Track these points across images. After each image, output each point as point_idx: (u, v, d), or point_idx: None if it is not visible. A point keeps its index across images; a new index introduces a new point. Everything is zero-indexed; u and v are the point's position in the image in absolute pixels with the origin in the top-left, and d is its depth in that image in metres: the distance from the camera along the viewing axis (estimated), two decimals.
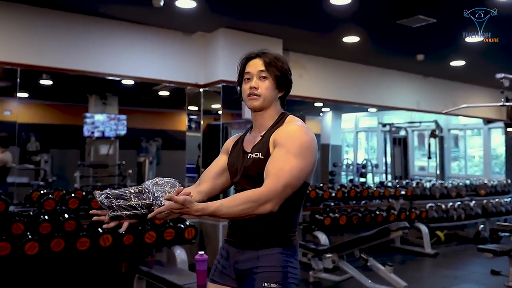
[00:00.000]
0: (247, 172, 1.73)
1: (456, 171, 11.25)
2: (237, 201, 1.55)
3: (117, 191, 1.59)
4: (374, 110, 9.77)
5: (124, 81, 5.96)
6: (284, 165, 1.59)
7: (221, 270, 1.79)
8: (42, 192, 4.46)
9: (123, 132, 8.78)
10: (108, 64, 5.23)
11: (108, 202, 1.58)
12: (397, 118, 10.36)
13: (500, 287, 4.93)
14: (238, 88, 1.85)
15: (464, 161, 11.30)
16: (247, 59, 1.81)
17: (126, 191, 1.59)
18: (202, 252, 3.11)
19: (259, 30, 5.57)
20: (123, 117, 8.83)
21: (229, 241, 1.79)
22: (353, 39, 5.85)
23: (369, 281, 4.49)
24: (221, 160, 1.91)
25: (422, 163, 11.58)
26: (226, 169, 1.87)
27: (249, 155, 1.74)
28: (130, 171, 8.52)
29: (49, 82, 7.05)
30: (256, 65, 1.77)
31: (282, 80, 1.77)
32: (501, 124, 9.98)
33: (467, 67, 7.28)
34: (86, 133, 8.44)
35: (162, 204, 1.50)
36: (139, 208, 1.57)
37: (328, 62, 6.90)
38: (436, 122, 9.49)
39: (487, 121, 9.93)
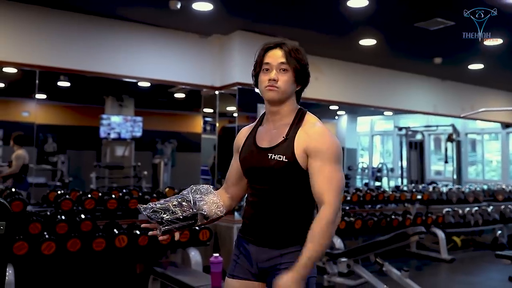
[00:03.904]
0: (264, 173, 1.72)
1: (473, 176, 11.10)
2: (322, 237, 1.59)
3: (160, 204, 1.70)
4: (390, 113, 9.70)
5: (140, 83, 6.00)
6: (331, 177, 1.64)
7: (243, 266, 1.81)
8: (59, 192, 4.50)
9: (138, 133, 8.85)
10: (125, 66, 5.28)
11: (156, 217, 1.68)
12: (413, 121, 10.27)
13: None
14: (254, 78, 1.81)
15: (481, 166, 11.15)
16: (267, 49, 1.76)
17: (169, 203, 1.70)
18: (217, 254, 3.11)
19: (275, 32, 5.53)
20: (139, 118, 8.90)
21: (248, 239, 1.80)
22: (370, 42, 5.82)
23: (385, 286, 4.44)
24: (236, 162, 1.90)
25: (438, 167, 11.45)
26: None
27: (269, 155, 1.70)
28: (146, 172, 8.57)
29: (67, 84, 7.13)
30: (276, 56, 1.72)
31: (302, 74, 1.74)
32: None
33: (485, 71, 7.18)
34: (102, 134, 8.52)
35: (205, 212, 1.69)
36: (186, 220, 1.70)
37: (344, 65, 6.87)
38: (453, 126, 9.38)
39: (506, 125, 9.78)
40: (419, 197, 6.87)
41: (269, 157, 1.70)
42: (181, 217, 1.68)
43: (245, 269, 1.80)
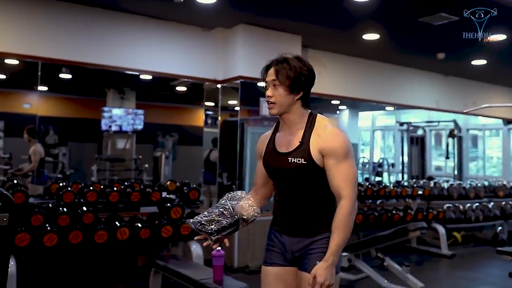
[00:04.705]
0: (288, 175, 1.94)
1: (473, 172, 11.09)
2: (344, 227, 1.86)
3: (205, 217, 1.94)
4: (391, 108, 9.68)
5: (142, 76, 5.98)
6: (346, 172, 1.86)
7: (278, 253, 2.03)
8: (61, 184, 4.50)
9: (140, 126, 8.83)
10: (127, 59, 5.26)
11: (206, 230, 1.93)
12: (414, 117, 10.24)
13: None
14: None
15: (481, 162, 11.14)
16: (267, 68, 1.96)
17: (213, 214, 1.94)
18: (219, 248, 3.11)
19: (279, 26, 5.54)
20: (141, 111, 8.88)
21: (281, 231, 2.02)
22: (373, 37, 5.79)
23: (385, 281, 4.45)
24: (261, 166, 2.10)
25: (438, 163, 11.45)
26: None
27: (289, 158, 1.91)
28: (147, 165, 8.56)
29: (69, 76, 7.12)
30: (270, 74, 1.93)
31: (295, 84, 1.90)
32: None
33: (488, 67, 7.16)
34: (103, 127, 8.50)
35: (244, 216, 1.96)
36: (231, 227, 1.95)
37: (347, 59, 6.85)
38: (455, 121, 9.36)
39: (507, 121, 9.75)
40: (420, 192, 6.87)
41: (290, 161, 1.91)
42: (226, 225, 1.93)
43: (280, 256, 2.02)
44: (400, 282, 4.41)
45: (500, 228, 7.41)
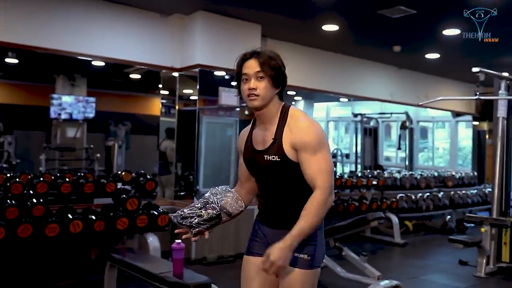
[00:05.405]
0: (266, 171, 1.94)
1: (421, 162, 11.47)
2: (313, 215, 1.79)
3: (187, 210, 1.96)
4: (345, 100, 9.83)
5: (94, 62, 5.73)
6: (320, 163, 1.83)
7: (260, 243, 2.03)
8: (8, 175, 4.25)
9: (91, 115, 8.54)
10: (79, 43, 5.00)
11: (186, 222, 1.94)
12: (367, 108, 10.45)
13: (469, 277, 5.05)
14: (237, 87, 1.98)
15: (429, 153, 11.54)
16: (243, 60, 1.92)
17: (195, 209, 1.95)
18: (179, 241, 3.01)
19: (238, 14, 5.44)
20: (92, 99, 8.58)
21: (263, 222, 2.04)
22: (333, 28, 5.80)
23: (343, 270, 4.50)
24: (243, 162, 2.09)
25: (388, 153, 11.76)
26: None
27: (265, 156, 1.91)
28: (98, 155, 8.30)
29: (15, 61, 6.76)
30: (252, 66, 1.89)
31: (278, 78, 1.92)
32: (468, 117, 10.20)
33: (441, 60, 7.36)
34: (52, 114, 8.16)
35: (228, 210, 1.96)
36: (213, 220, 1.95)
37: (305, 50, 6.84)
38: (407, 113, 9.62)
39: (456, 114, 10.12)
40: (374, 182, 7.00)
41: (265, 158, 1.91)
42: (207, 218, 1.93)
43: (263, 247, 1.97)
44: (357, 271, 4.47)
45: (449, 217, 7.69)
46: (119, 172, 5.05)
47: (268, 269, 1.77)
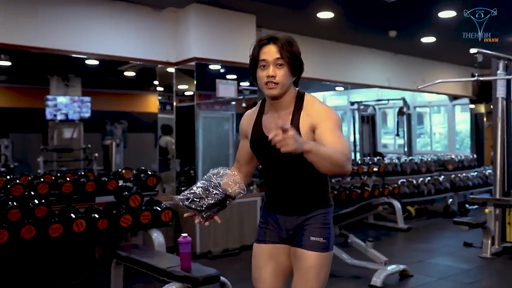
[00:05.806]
0: (281, 160, 1.81)
1: (419, 148, 11.47)
2: (330, 153, 1.62)
3: (193, 193, 1.87)
4: (341, 88, 9.79)
5: (88, 61, 5.68)
6: (340, 136, 1.76)
7: (272, 231, 1.99)
8: (8, 177, 4.21)
9: (87, 114, 8.49)
10: (72, 41, 4.91)
11: (196, 206, 1.87)
12: (364, 96, 10.42)
13: (475, 258, 5.05)
14: (251, 74, 1.89)
15: (427, 138, 11.54)
16: (260, 45, 1.83)
17: (200, 190, 1.87)
18: (185, 234, 3.00)
19: (232, 5, 5.39)
20: (87, 99, 8.53)
21: (275, 210, 1.99)
22: (328, 15, 5.75)
23: (350, 257, 4.49)
24: (246, 145, 2.03)
25: (385, 140, 11.75)
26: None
27: None
28: (96, 154, 8.27)
29: (8, 63, 6.70)
30: (271, 53, 1.81)
31: (296, 65, 1.85)
32: (465, 100, 10.18)
33: (437, 44, 7.32)
34: (48, 116, 8.11)
35: (231, 192, 1.89)
36: (220, 203, 1.89)
37: (301, 39, 6.71)
38: (403, 99, 9.60)
39: (453, 97, 10.10)
40: (375, 169, 6.99)
41: None
42: (216, 202, 1.86)
43: (274, 234, 1.99)
44: (363, 257, 4.45)
45: (450, 200, 7.70)
46: (120, 170, 5.02)
47: (278, 139, 1.51)
